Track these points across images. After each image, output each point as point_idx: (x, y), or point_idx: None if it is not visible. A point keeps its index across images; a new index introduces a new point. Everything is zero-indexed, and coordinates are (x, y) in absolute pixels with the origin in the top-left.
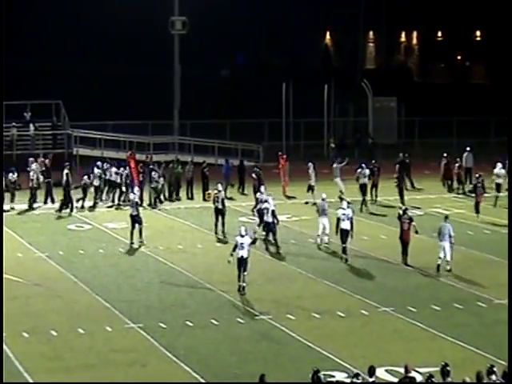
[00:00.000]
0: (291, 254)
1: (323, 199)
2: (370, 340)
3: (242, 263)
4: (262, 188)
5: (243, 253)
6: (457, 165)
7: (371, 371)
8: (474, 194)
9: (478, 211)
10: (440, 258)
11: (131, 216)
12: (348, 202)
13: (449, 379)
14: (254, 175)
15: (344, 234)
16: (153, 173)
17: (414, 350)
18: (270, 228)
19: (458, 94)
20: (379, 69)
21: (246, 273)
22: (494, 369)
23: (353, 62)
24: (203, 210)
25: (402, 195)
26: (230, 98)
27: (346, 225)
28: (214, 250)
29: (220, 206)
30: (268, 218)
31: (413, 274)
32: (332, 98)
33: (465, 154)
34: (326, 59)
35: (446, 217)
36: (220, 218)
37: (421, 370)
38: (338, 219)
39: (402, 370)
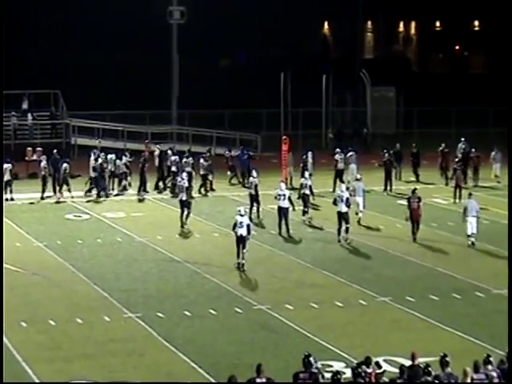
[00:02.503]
0: (289, 244)
1: (359, 179)
2: (368, 330)
3: (241, 241)
4: (306, 173)
5: (242, 231)
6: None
7: (367, 361)
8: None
9: (455, 196)
10: (469, 235)
11: (180, 201)
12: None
13: (448, 370)
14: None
15: (342, 217)
16: (201, 160)
17: (412, 339)
18: (283, 213)
19: (457, 84)
20: (378, 59)
21: (245, 250)
22: (491, 358)
23: (351, 51)
24: (200, 200)
25: (390, 184)
26: (229, 87)
27: (343, 207)
28: (213, 239)
29: (253, 192)
30: (284, 204)
31: (411, 264)
32: (330, 88)
33: (459, 144)
34: (324, 49)
35: (470, 194)
36: (253, 203)
37: (419, 359)
38: (335, 200)
39: (399, 360)
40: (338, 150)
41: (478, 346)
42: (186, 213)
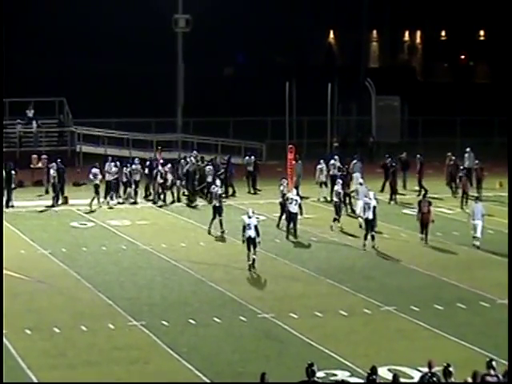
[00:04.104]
0: (294, 253)
1: (361, 184)
2: (372, 339)
3: (250, 242)
4: (340, 181)
5: (251, 233)
6: (451, 162)
7: (373, 371)
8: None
9: (462, 203)
10: (474, 236)
11: (214, 207)
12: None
13: (451, 380)
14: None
15: (369, 224)
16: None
17: (416, 349)
18: (292, 218)
19: (462, 94)
20: (383, 68)
21: (256, 249)
22: (493, 363)
23: (356, 60)
24: (205, 208)
25: (393, 193)
26: (234, 96)
27: (370, 215)
28: (217, 247)
29: (283, 201)
30: (293, 209)
31: (415, 273)
32: (335, 97)
33: (466, 155)
34: (329, 58)
35: (477, 198)
36: (283, 211)
37: (423, 369)
38: (364, 209)
39: (403, 369)
40: (321, 160)
41: (482, 355)
42: (219, 219)
